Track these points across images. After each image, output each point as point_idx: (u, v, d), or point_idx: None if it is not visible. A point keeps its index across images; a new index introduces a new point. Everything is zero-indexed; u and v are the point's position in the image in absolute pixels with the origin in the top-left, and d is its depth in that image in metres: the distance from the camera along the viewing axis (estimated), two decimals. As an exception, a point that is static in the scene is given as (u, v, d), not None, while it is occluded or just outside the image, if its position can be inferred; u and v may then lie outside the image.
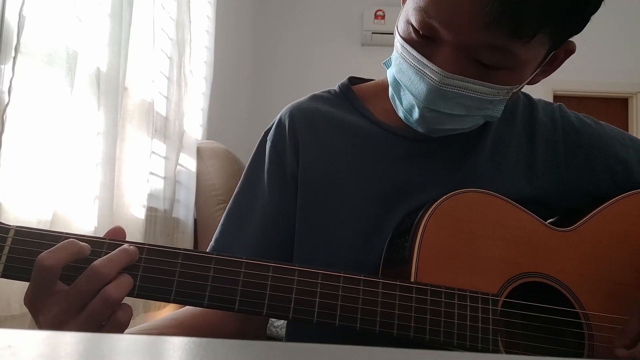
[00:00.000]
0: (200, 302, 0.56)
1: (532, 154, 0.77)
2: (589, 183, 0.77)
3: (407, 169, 0.74)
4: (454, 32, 0.60)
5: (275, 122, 0.80)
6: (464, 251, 0.64)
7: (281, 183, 0.76)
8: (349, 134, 0.77)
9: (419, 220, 0.65)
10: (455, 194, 0.66)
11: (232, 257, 0.57)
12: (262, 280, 0.57)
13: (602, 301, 0.65)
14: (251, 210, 0.76)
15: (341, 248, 0.72)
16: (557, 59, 0.68)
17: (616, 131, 0.82)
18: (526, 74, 0.65)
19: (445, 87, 0.62)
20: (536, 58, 0.63)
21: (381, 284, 0.59)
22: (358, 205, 0.73)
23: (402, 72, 0.67)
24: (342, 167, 0.75)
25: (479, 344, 0.59)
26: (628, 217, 0.71)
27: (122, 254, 0.54)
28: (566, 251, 0.67)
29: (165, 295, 0.55)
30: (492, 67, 0.62)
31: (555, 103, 0.83)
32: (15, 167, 0.97)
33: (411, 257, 0.63)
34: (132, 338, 0.32)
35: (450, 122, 0.67)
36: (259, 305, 0.56)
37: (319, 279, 0.58)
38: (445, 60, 0.61)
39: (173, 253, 0.57)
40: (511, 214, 0.67)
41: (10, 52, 0.93)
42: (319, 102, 0.81)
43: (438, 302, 0.59)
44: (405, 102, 0.69)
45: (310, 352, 0.29)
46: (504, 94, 0.65)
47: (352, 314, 0.57)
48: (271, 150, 0.77)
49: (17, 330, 0.30)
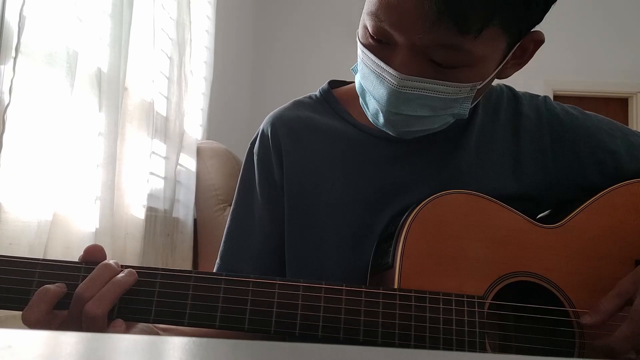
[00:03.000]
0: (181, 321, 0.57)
1: (518, 149, 0.76)
2: (577, 176, 0.76)
3: (392, 171, 0.74)
4: (403, 34, 0.60)
5: (258, 134, 0.80)
6: (448, 254, 0.64)
7: (272, 194, 0.76)
8: (331, 139, 0.76)
9: (401, 225, 0.65)
10: (438, 196, 0.66)
11: (211, 275, 0.58)
12: (242, 295, 0.57)
13: (592, 297, 0.63)
14: (249, 225, 0.77)
15: (330, 255, 0.72)
16: (527, 51, 0.68)
17: (604, 121, 0.80)
18: (488, 69, 0.64)
19: (404, 90, 0.62)
20: (495, 52, 0.63)
21: (364, 292, 0.58)
22: (345, 211, 0.73)
23: (365, 78, 0.67)
24: (326, 173, 0.75)
25: (465, 348, 0.58)
26: (617, 210, 0.70)
27: (102, 272, 0.55)
28: (554, 248, 0.66)
29: (144, 315, 0.56)
30: (448, 65, 0.62)
31: (540, 95, 0.82)
32: (16, 168, 0.97)
33: (395, 263, 0.62)
34: (132, 338, 0.32)
35: (417, 123, 0.67)
36: (241, 320, 0.56)
37: (300, 291, 0.58)
38: (402, 62, 0.61)
39: (151, 273, 0.57)
40: (496, 213, 0.67)
41: (11, 52, 0.93)
42: (300, 108, 0.81)
43: (422, 308, 0.59)
44: (371, 107, 0.69)
45: (311, 352, 0.29)
46: (467, 91, 0.64)
47: (335, 324, 0.57)
48: (258, 163, 0.78)
49: (17, 330, 0.30)
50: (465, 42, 0.59)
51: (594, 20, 3.70)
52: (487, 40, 0.59)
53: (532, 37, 0.65)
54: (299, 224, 0.74)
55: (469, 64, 0.62)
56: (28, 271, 0.55)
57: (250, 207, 0.77)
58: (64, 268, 0.56)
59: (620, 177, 0.73)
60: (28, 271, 0.55)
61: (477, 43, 0.59)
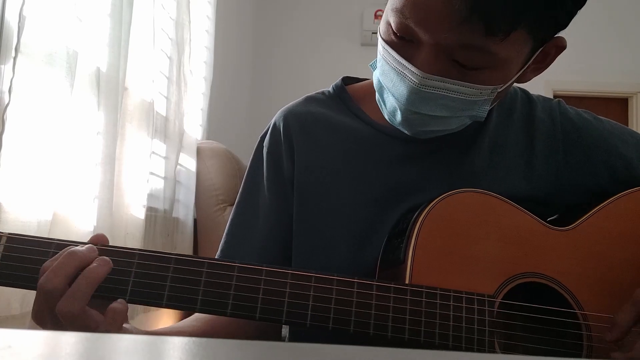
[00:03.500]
0: (193, 307, 0.56)
1: (531, 152, 0.76)
2: (589, 180, 0.76)
3: (403, 170, 0.74)
4: (429, 32, 0.59)
5: (269, 128, 0.80)
6: (460, 252, 0.64)
7: (280, 188, 0.76)
8: (343, 136, 0.76)
9: (414, 221, 0.65)
10: (451, 194, 0.66)
11: (225, 262, 0.57)
12: (254, 284, 0.57)
13: (601, 301, 0.64)
14: (254, 217, 0.76)
15: (337, 250, 0.72)
16: (548, 56, 0.67)
17: (616, 127, 0.81)
18: (510, 72, 0.64)
19: (425, 89, 0.62)
20: (518, 56, 0.63)
21: (375, 286, 0.58)
22: (354, 207, 0.73)
23: (385, 75, 0.67)
24: (337, 170, 0.74)
25: (474, 346, 0.58)
26: (628, 215, 0.70)
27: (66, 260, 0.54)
28: (565, 250, 0.66)
29: (157, 300, 0.56)
30: (471, 67, 0.61)
31: (554, 99, 0.82)
32: (16, 167, 0.97)
33: (406, 259, 0.62)
34: (132, 338, 0.32)
35: (434, 123, 0.67)
36: (252, 309, 0.56)
37: (312, 282, 0.58)
38: (424, 61, 0.61)
39: (165, 258, 0.57)
40: (508, 213, 0.67)
41: (11, 52, 0.93)
42: (312, 104, 0.80)
43: (433, 304, 0.59)
44: (388, 104, 0.68)
45: (311, 352, 0.29)
46: (488, 94, 0.64)
47: (346, 317, 0.57)
48: (268, 157, 0.77)
49: (17, 330, 0.30)
50: (491, 44, 0.58)
51: (594, 20, 3.70)
52: (512, 43, 0.59)
53: (554, 42, 0.65)
54: (308, 219, 0.74)
55: (492, 66, 0.62)
56: (42, 251, 0.55)
57: (255, 200, 0.77)
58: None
59: (631, 183, 0.73)
60: (42, 251, 0.55)
61: (502, 45, 0.59)
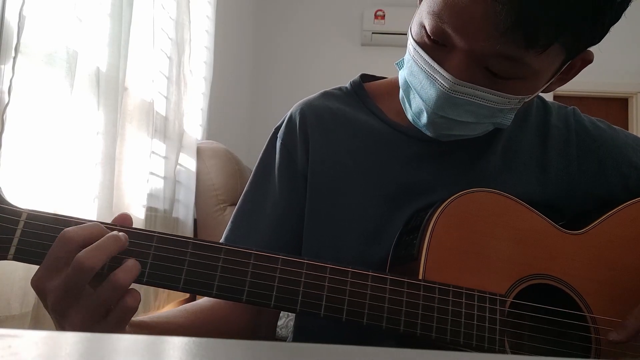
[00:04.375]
0: (209, 292, 0.56)
1: (545, 158, 0.77)
2: (601, 188, 0.77)
3: (417, 170, 0.74)
4: (466, 39, 0.59)
5: (285, 119, 0.80)
6: (473, 251, 0.64)
7: (291, 180, 0.76)
8: (359, 132, 0.76)
9: (428, 218, 0.65)
10: (466, 192, 0.66)
11: (242, 249, 0.57)
12: (270, 272, 0.57)
13: (610, 305, 0.64)
14: (261, 207, 0.76)
15: (347, 245, 0.72)
16: (574, 68, 0.68)
17: (630, 137, 0.81)
18: (539, 83, 0.65)
19: (455, 94, 0.62)
20: (550, 68, 0.63)
21: (389, 280, 0.59)
22: (366, 204, 0.73)
23: (413, 75, 0.67)
24: (351, 165, 0.75)
25: (485, 344, 0.59)
26: (639, 222, 0.70)
27: (110, 241, 0.53)
28: (576, 254, 0.67)
29: (174, 283, 0.55)
30: (503, 76, 0.61)
31: (569, 106, 0.82)
32: (15, 167, 0.97)
33: (420, 255, 0.63)
34: (132, 338, 0.32)
35: (459, 128, 0.67)
36: (267, 296, 0.56)
37: (327, 273, 0.58)
38: (457, 66, 0.61)
39: (183, 242, 0.56)
40: (522, 215, 0.67)
41: (10, 52, 0.93)
42: (330, 99, 0.81)
43: (446, 301, 0.59)
44: (414, 105, 0.69)
45: (311, 352, 0.29)
46: (515, 103, 0.65)
47: (359, 309, 0.57)
48: (282, 147, 0.78)
49: (17, 330, 0.30)
50: (528, 56, 0.58)
51: (594, 20, 3.70)
52: (548, 56, 0.59)
53: (583, 55, 0.66)
54: (319, 212, 0.74)
55: (524, 77, 0.62)
56: (61, 229, 0.53)
57: (264, 191, 0.77)
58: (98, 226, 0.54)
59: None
60: (61, 229, 0.53)
61: (538, 58, 0.59)
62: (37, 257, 0.54)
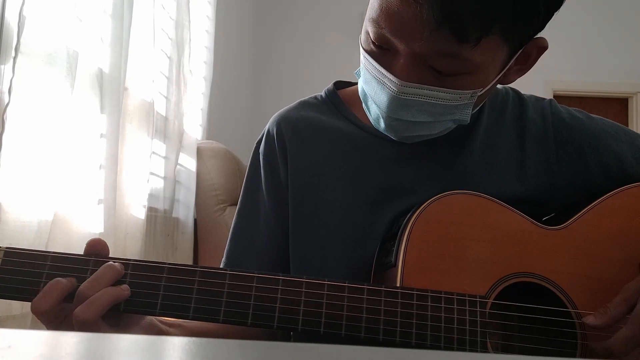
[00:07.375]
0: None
1: (523, 153, 0.76)
2: (582, 179, 0.76)
3: (396, 172, 0.74)
4: (404, 42, 0.60)
5: (264, 134, 0.81)
6: (451, 254, 0.64)
7: (278, 194, 0.77)
8: (336, 139, 0.77)
9: (405, 224, 0.65)
10: (442, 196, 0.66)
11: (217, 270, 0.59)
12: (246, 291, 0.58)
13: (595, 300, 0.64)
14: (255, 223, 0.78)
15: (333, 253, 0.72)
16: (530, 57, 0.68)
17: (609, 124, 0.80)
18: (488, 76, 0.65)
19: (404, 96, 0.63)
20: (495, 60, 0.63)
21: (366, 290, 0.59)
22: (348, 210, 0.73)
23: (367, 83, 0.68)
24: (330, 173, 0.75)
25: (466, 347, 0.58)
26: (621, 213, 0.69)
27: (107, 271, 0.56)
28: (557, 250, 0.66)
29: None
30: (448, 73, 0.62)
31: (546, 99, 0.82)
32: (16, 168, 0.97)
33: (397, 262, 0.63)
34: (132, 338, 0.32)
35: (417, 128, 0.68)
36: (244, 315, 0.57)
37: (303, 288, 0.58)
38: (402, 69, 0.62)
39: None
40: (499, 214, 0.67)
41: (10, 52, 0.93)
42: (305, 109, 0.81)
43: (424, 306, 0.59)
44: (372, 111, 0.70)
45: (311, 352, 0.29)
46: (468, 98, 0.65)
47: (337, 321, 0.57)
48: (264, 162, 0.79)
49: (17, 330, 0.30)
50: (464, 51, 0.59)
51: (594, 20, 3.70)
52: (486, 49, 0.60)
53: (535, 43, 0.66)
54: (303, 223, 0.74)
55: (469, 72, 0.62)
56: (38, 264, 0.57)
57: (256, 206, 0.78)
58: (73, 261, 0.57)
59: (625, 180, 0.73)
60: (38, 264, 0.57)
61: (475, 52, 0.59)
62: (15, 293, 0.56)
